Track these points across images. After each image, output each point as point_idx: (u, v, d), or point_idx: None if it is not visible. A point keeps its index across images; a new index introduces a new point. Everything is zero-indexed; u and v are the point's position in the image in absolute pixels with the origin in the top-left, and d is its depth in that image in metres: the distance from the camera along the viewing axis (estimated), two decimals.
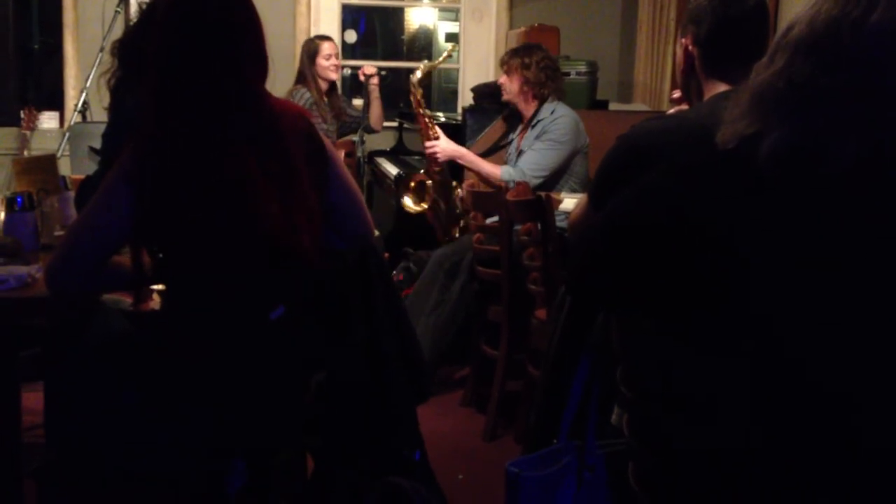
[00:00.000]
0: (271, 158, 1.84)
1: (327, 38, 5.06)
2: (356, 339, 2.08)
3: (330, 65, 4.94)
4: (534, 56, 3.99)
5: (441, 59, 4.55)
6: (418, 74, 4.26)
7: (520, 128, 4.12)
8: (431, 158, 4.14)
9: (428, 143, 4.11)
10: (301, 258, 1.88)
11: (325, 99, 4.99)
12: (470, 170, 4.09)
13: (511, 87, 4.01)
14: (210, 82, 1.80)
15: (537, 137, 3.90)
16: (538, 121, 3.95)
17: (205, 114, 1.80)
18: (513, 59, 4.01)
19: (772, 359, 1.26)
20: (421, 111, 4.17)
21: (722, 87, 1.73)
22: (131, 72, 2.12)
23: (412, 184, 4.31)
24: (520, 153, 3.99)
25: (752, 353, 1.27)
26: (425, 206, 4.22)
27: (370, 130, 5.03)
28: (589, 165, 3.97)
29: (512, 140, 4.15)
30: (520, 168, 3.82)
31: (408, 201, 4.29)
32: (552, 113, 3.94)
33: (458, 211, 4.23)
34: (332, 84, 5.04)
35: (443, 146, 4.08)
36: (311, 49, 4.98)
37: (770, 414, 1.26)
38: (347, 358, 2.08)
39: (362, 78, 4.96)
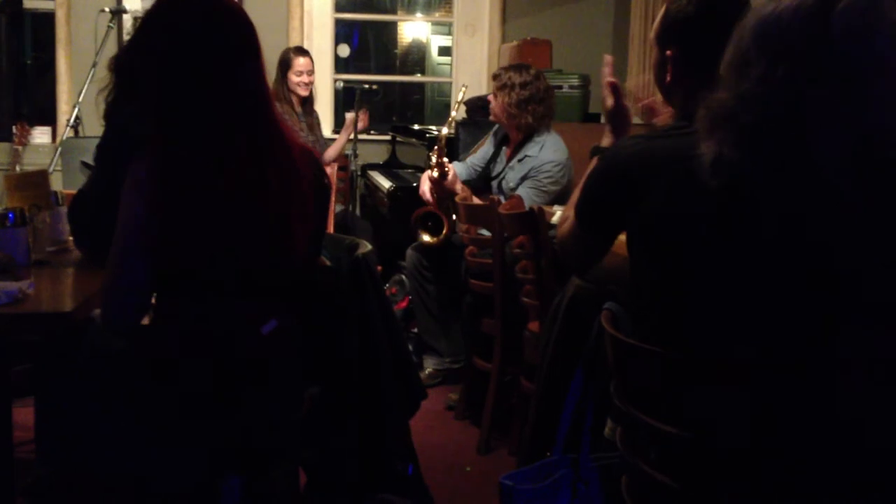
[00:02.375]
0: (273, 162, 1.84)
1: (303, 54, 4.92)
2: (349, 352, 2.08)
3: (300, 81, 4.83)
4: (518, 79, 3.81)
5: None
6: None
7: (505, 148, 4.05)
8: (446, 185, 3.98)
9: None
10: (296, 265, 1.88)
11: (299, 109, 4.91)
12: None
13: (495, 109, 3.89)
14: (211, 89, 1.80)
15: (525, 177, 3.79)
16: (525, 155, 3.84)
17: (207, 121, 1.80)
18: (497, 79, 3.86)
19: (767, 363, 1.27)
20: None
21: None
22: (127, 87, 2.11)
23: (420, 219, 4.10)
24: (502, 177, 3.94)
25: (745, 361, 1.28)
26: (442, 235, 4.03)
27: (356, 155, 4.94)
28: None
29: (499, 154, 4.09)
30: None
31: (426, 238, 4.07)
32: (540, 150, 3.81)
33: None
34: (308, 98, 4.94)
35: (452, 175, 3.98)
36: (284, 60, 4.87)
37: (767, 425, 1.26)
38: (341, 371, 2.07)
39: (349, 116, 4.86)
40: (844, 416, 1.24)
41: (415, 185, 4.68)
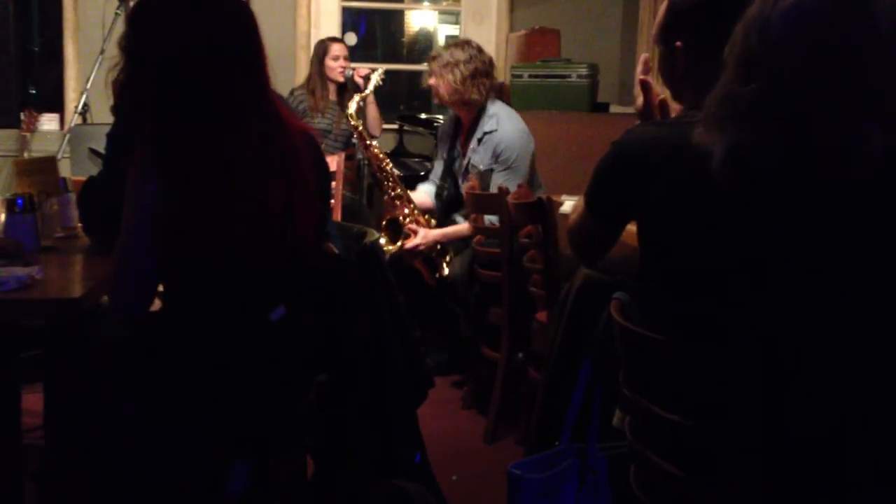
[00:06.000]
0: (278, 149, 1.84)
1: (337, 40, 5.08)
2: (357, 340, 2.08)
3: (337, 66, 4.93)
4: (462, 55, 3.74)
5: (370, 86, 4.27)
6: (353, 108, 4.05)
7: (458, 137, 3.98)
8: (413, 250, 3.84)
9: (409, 245, 3.84)
10: (302, 250, 1.88)
11: (334, 98, 4.98)
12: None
13: (440, 91, 3.79)
14: (216, 78, 1.80)
15: (496, 161, 3.73)
16: (484, 133, 3.77)
17: (212, 110, 1.80)
18: (437, 60, 3.77)
19: (774, 357, 1.26)
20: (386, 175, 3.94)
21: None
22: (137, 71, 2.09)
23: (384, 223, 4.04)
24: (467, 166, 3.87)
25: (753, 351, 1.28)
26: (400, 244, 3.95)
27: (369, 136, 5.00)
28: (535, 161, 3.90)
29: (454, 147, 4.02)
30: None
31: (382, 241, 3.96)
32: (498, 123, 3.75)
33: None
34: (344, 85, 5.01)
35: (424, 240, 3.83)
36: (320, 49, 5.01)
37: (774, 414, 1.26)
38: (348, 359, 2.08)
39: (360, 80, 4.92)
40: (851, 408, 1.23)
41: (422, 173, 4.68)
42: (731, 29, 1.32)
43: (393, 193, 3.95)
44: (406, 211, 3.93)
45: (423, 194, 4.08)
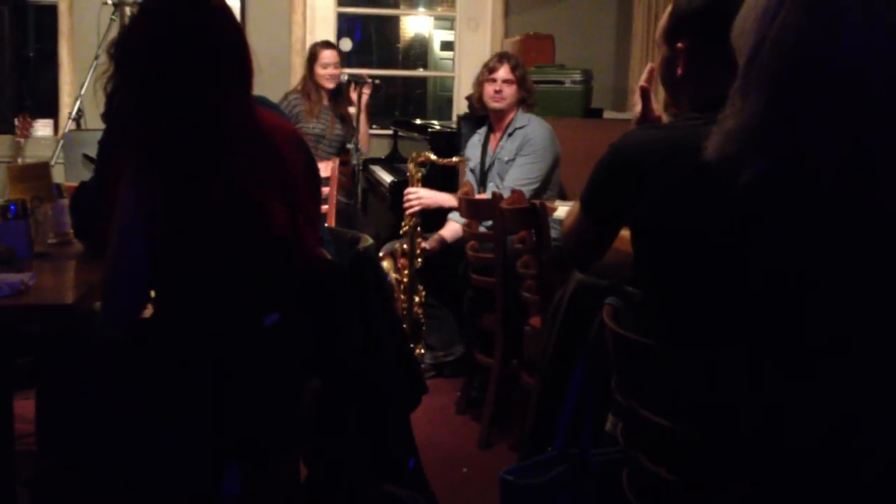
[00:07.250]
0: (268, 161, 1.85)
1: (328, 46, 5.06)
2: (351, 345, 2.08)
3: (326, 73, 4.94)
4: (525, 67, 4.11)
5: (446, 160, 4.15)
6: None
7: (484, 134, 4.16)
8: (409, 205, 4.00)
9: (407, 193, 4.01)
10: (295, 254, 1.89)
11: (327, 103, 5.00)
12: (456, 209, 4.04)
13: (511, 95, 4.03)
14: (194, 89, 1.81)
15: (520, 151, 3.92)
16: (515, 129, 3.98)
17: (195, 120, 1.81)
18: (520, 67, 4.08)
19: (766, 360, 1.26)
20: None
21: (714, 94, 1.73)
22: (126, 79, 2.10)
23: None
24: (494, 163, 4.02)
25: (749, 356, 1.28)
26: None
27: (358, 150, 4.98)
28: (560, 174, 4.05)
29: (485, 156, 4.14)
30: (507, 187, 3.81)
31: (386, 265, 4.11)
32: (529, 122, 4.00)
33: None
34: (337, 91, 5.03)
35: (423, 194, 4.01)
36: (311, 55, 5.01)
37: (770, 419, 1.26)
38: (342, 364, 2.08)
39: (353, 95, 4.90)
40: (851, 415, 1.23)
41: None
42: (724, 47, 1.31)
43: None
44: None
45: (455, 224, 4.11)
